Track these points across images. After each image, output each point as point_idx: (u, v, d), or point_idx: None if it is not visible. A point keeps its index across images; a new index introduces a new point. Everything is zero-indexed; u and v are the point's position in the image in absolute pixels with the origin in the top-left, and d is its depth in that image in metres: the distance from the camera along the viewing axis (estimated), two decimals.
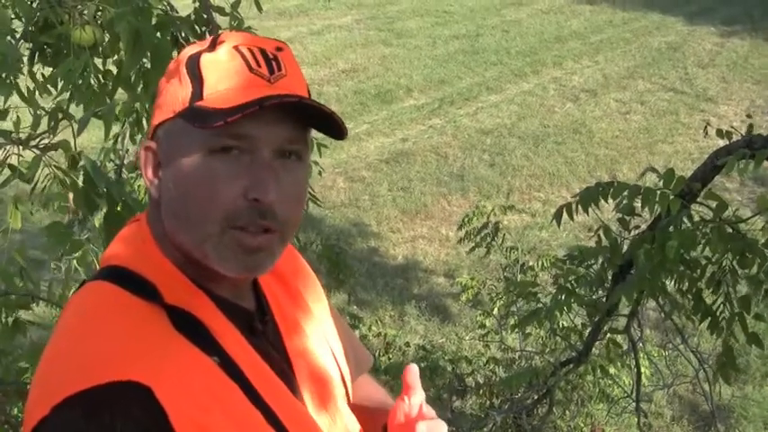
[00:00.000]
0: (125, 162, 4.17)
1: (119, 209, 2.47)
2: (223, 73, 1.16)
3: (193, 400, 1.06)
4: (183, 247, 1.18)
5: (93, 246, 2.65)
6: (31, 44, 3.10)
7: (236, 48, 1.18)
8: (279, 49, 1.21)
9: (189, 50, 1.22)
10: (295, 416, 1.20)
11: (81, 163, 2.56)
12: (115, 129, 3.83)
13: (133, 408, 1.02)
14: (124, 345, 1.07)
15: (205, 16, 3.15)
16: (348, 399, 1.39)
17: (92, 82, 2.91)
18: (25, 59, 3.14)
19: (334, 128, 1.20)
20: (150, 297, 1.15)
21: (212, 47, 1.19)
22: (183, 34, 3.05)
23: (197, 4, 3.20)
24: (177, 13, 3.18)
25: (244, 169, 1.14)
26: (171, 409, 1.03)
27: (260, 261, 1.18)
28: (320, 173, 4.14)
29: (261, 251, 1.17)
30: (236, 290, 1.24)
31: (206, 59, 1.18)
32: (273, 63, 1.18)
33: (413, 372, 1.33)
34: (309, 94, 1.23)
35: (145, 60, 2.82)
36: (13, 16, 3.03)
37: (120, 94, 3.07)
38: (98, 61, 3.01)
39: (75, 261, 2.72)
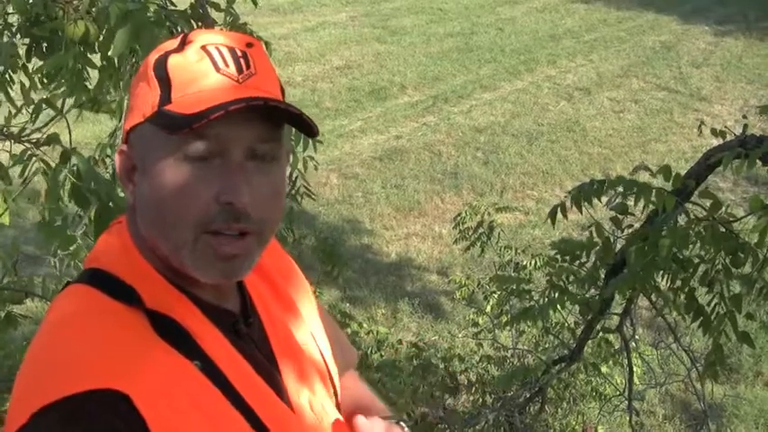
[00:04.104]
0: None
1: (110, 205, 2.47)
2: (190, 75, 1.14)
3: (173, 406, 1.06)
4: (161, 253, 1.17)
5: (89, 240, 2.66)
6: (27, 39, 3.10)
7: (203, 47, 1.16)
8: (249, 45, 1.19)
9: (157, 51, 1.20)
10: (279, 419, 1.19)
11: (73, 160, 2.56)
12: (112, 124, 3.83)
13: (111, 416, 1.01)
14: (104, 352, 1.07)
15: (201, 11, 3.15)
16: (336, 398, 1.39)
17: (84, 76, 2.91)
18: (21, 53, 3.15)
19: (305, 126, 1.19)
20: (131, 302, 1.14)
21: (180, 47, 1.17)
22: (180, 29, 3.04)
23: None
24: (176, 7, 3.18)
25: (215, 172, 1.12)
26: (149, 417, 1.03)
27: (237, 267, 1.17)
28: (315, 167, 4.13)
29: (237, 257, 1.16)
30: (219, 292, 1.23)
31: (173, 61, 1.16)
32: (242, 61, 1.16)
33: (361, 423, 1.36)
34: (282, 90, 1.22)
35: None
36: (10, 10, 3.03)
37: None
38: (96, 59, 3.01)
39: (70, 257, 2.72)
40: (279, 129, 1.18)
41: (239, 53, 1.17)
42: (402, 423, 1.48)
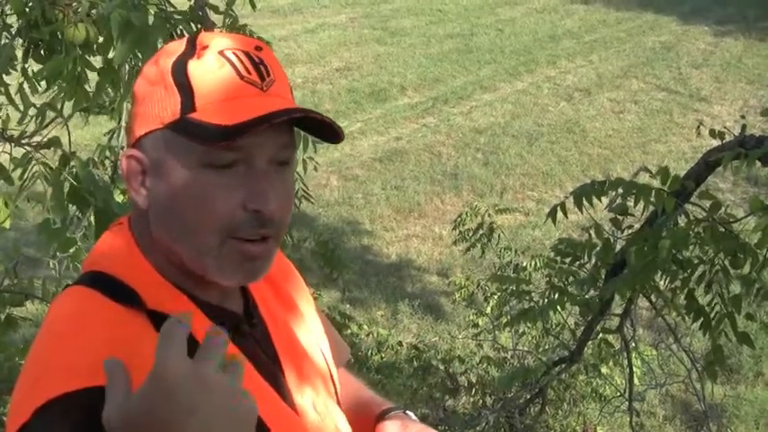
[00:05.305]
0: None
1: (109, 208, 2.47)
2: (214, 83, 1.14)
3: None
4: (174, 257, 1.17)
5: (89, 242, 2.66)
6: (25, 41, 3.10)
7: (221, 53, 1.16)
8: (258, 48, 1.20)
9: (168, 55, 1.19)
10: (282, 420, 1.19)
11: (72, 163, 2.56)
12: (110, 125, 3.83)
13: None
14: (106, 351, 1.05)
15: (200, 14, 3.15)
16: (337, 398, 1.39)
17: (84, 79, 2.90)
18: (19, 56, 3.15)
19: (331, 133, 1.20)
20: (132, 303, 1.14)
21: (194, 51, 1.17)
22: (179, 31, 3.04)
23: (192, 1, 3.19)
24: (175, 8, 3.17)
25: (239, 180, 1.13)
26: None
27: (258, 267, 1.19)
28: (315, 168, 4.14)
29: (260, 258, 1.17)
30: (224, 294, 1.23)
31: (193, 67, 1.15)
32: (262, 68, 1.17)
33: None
34: (291, 93, 1.23)
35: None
36: (9, 12, 3.03)
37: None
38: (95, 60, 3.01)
39: (70, 259, 2.72)
40: (293, 132, 1.19)
41: (257, 59, 1.17)
42: (408, 412, 1.49)
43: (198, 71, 1.15)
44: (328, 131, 1.19)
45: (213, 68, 1.15)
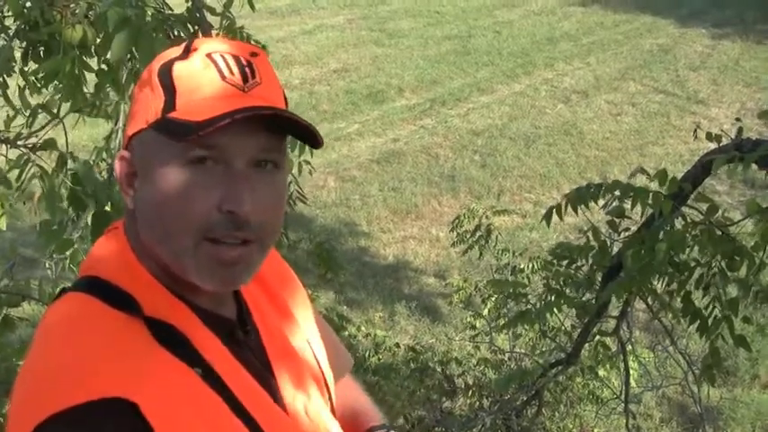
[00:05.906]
0: None
1: (107, 208, 2.47)
2: (196, 82, 1.14)
3: (178, 414, 1.06)
4: (161, 260, 1.17)
5: (86, 244, 2.65)
6: (24, 42, 3.10)
7: (209, 55, 1.16)
8: (253, 54, 1.19)
9: (162, 58, 1.19)
10: (277, 424, 1.19)
11: (70, 164, 2.56)
12: (108, 126, 3.82)
13: (119, 425, 1.01)
14: (108, 359, 1.06)
15: (197, 15, 3.15)
16: (331, 404, 1.39)
17: (82, 80, 2.90)
18: (18, 57, 3.15)
19: (310, 137, 1.19)
20: (130, 309, 1.13)
21: (185, 54, 1.17)
22: (177, 32, 3.04)
23: (189, 3, 3.19)
24: (172, 10, 3.17)
25: (217, 180, 1.12)
26: (157, 425, 1.02)
27: (237, 274, 1.17)
28: (311, 172, 4.14)
29: (238, 264, 1.16)
30: (217, 299, 1.22)
31: (178, 68, 1.15)
32: (248, 70, 1.16)
33: None
34: (286, 100, 1.22)
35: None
36: (7, 14, 3.03)
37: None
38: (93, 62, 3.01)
39: (67, 260, 2.72)
40: (282, 138, 1.18)
41: (244, 62, 1.17)
42: (393, 431, 1.49)
43: (182, 72, 1.15)
44: (309, 135, 1.18)
45: (197, 69, 1.15)
